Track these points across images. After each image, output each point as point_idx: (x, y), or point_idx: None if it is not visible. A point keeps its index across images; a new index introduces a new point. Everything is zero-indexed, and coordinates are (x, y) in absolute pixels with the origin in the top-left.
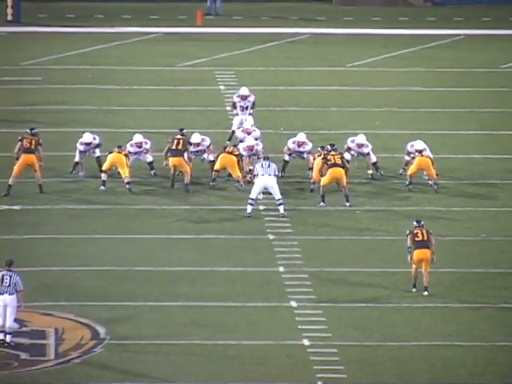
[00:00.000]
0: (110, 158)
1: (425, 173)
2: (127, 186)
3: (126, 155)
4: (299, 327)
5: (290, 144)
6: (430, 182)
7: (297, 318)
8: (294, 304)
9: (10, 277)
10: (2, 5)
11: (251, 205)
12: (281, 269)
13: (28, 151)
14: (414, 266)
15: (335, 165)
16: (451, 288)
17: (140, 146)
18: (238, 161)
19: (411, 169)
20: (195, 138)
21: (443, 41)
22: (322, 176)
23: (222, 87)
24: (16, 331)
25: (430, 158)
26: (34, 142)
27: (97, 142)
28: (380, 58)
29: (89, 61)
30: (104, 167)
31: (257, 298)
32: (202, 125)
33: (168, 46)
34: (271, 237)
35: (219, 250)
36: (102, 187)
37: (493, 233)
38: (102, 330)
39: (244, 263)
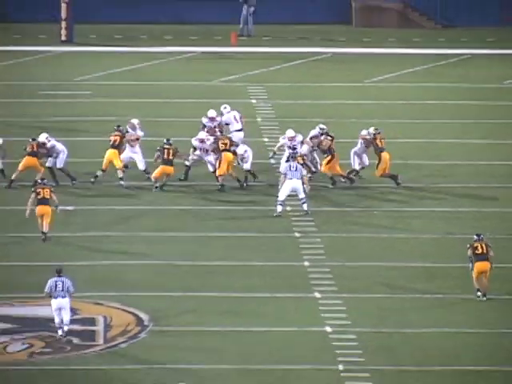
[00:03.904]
0: (106, 155)
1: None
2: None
3: (121, 142)
4: (322, 315)
5: (282, 140)
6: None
7: (320, 308)
8: (317, 295)
9: (62, 282)
10: (57, 26)
11: (280, 205)
12: (306, 263)
13: (31, 154)
14: (474, 275)
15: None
16: (459, 280)
17: (202, 141)
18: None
19: (381, 168)
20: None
21: (452, 59)
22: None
23: (253, 100)
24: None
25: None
26: (35, 146)
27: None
28: (395, 74)
29: (134, 77)
30: (103, 166)
31: (284, 289)
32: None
33: (205, 63)
34: (297, 234)
35: (251, 246)
36: (122, 182)
37: (496, 231)
38: (145, 318)
39: (273, 258)
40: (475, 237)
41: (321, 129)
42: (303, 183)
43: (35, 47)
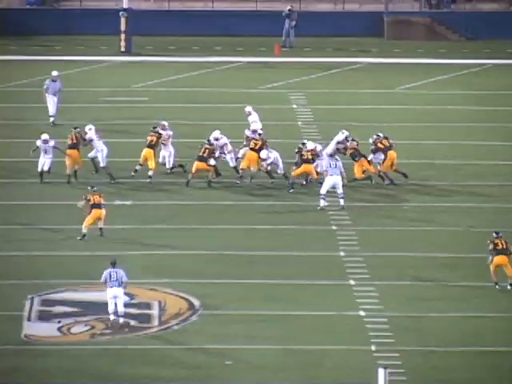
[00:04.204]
0: (143, 153)
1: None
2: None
3: (156, 143)
4: (356, 301)
5: (247, 132)
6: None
7: (354, 294)
8: (352, 282)
9: (116, 272)
10: (117, 38)
11: (323, 199)
12: (341, 253)
13: (72, 146)
14: (492, 267)
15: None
16: (480, 269)
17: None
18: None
19: (386, 165)
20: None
21: (474, 69)
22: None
23: (294, 106)
24: (127, 303)
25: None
26: (74, 137)
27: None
28: (423, 82)
29: (187, 84)
30: (141, 161)
31: (322, 277)
32: (277, 136)
33: (250, 72)
34: (334, 227)
35: (291, 237)
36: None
37: None
38: (196, 302)
39: (311, 248)
40: (494, 234)
41: (343, 133)
42: (342, 179)
43: (97, 57)
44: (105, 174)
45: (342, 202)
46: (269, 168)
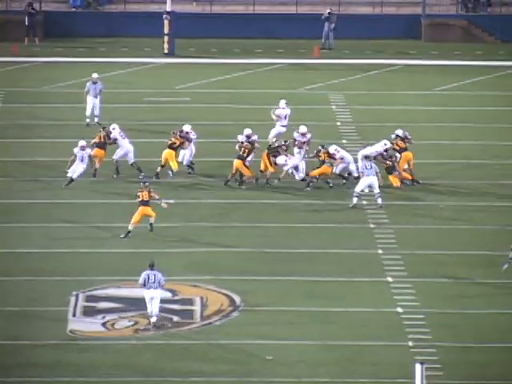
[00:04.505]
0: (164, 154)
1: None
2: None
3: (179, 146)
4: (394, 298)
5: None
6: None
7: (392, 291)
8: (389, 279)
9: (155, 275)
10: (160, 41)
11: (356, 197)
12: (379, 251)
13: (99, 145)
14: None
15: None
16: None
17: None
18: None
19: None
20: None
21: (510, 70)
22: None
23: (333, 107)
24: (169, 299)
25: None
26: (102, 137)
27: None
28: (459, 83)
29: (228, 85)
30: (162, 162)
31: (360, 274)
32: (317, 136)
33: (291, 73)
34: (372, 225)
35: (331, 235)
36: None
37: None
38: (237, 299)
39: (350, 246)
40: None
41: (385, 145)
42: (378, 179)
43: (141, 59)
44: (134, 169)
45: (379, 200)
46: (290, 172)
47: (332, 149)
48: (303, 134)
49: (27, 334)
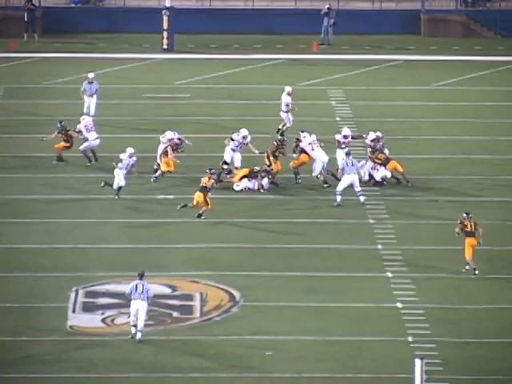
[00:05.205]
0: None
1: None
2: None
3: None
4: (393, 293)
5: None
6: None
7: (391, 286)
8: (389, 274)
9: (143, 285)
10: (159, 36)
11: (339, 195)
12: (379, 247)
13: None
14: (466, 249)
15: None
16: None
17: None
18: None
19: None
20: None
21: (509, 65)
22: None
23: (332, 102)
24: (169, 294)
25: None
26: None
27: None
28: (459, 79)
29: (228, 81)
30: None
31: (360, 269)
32: (316, 132)
33: (290, 69)
34: (372, 221)
35: (331, 231)
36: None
37: None
38: (237, 294)
39: (350, 242)
40: (464, 215)
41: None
42: (359, 177)
43: (140, 55)
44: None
45: (362, 198)
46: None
47: (301, 136)
48: (346, 137)
49: (27, 329)
